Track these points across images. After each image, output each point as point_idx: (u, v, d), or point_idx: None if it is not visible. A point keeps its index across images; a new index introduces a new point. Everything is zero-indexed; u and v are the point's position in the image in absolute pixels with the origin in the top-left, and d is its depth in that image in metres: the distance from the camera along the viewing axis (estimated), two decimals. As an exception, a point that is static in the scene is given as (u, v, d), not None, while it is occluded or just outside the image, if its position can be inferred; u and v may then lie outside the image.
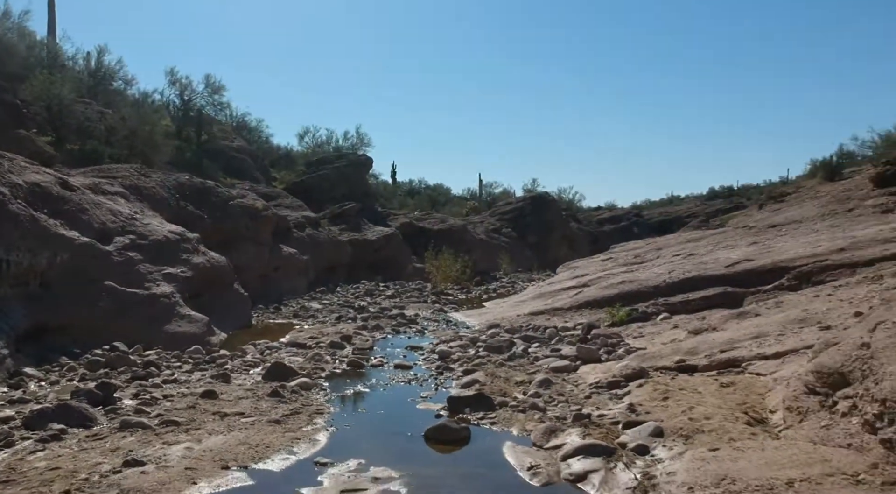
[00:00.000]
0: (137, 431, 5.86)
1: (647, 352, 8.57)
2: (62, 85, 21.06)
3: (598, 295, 13.55)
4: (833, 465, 4.29)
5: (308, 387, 7.76)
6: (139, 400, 6.93)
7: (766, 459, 4.60)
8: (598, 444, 5.29)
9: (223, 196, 17.78)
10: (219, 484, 4.76)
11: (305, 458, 5.40)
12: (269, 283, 18.29)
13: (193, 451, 5.36)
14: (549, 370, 8.37)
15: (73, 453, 5.22)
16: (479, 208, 42.96)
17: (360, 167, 32.76)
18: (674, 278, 12.89)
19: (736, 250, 14.46)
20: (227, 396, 7.29)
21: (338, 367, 9.24)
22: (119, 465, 4.92)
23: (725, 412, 5.78)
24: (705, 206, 47.88)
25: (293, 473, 5.07)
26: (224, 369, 8.59)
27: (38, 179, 10.54)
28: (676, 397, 6.45)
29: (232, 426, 6.12)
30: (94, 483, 4.60)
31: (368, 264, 25.65)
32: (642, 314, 11.65)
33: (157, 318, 10.74)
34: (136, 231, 12.15)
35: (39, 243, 9.52)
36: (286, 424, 6.27)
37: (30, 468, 4.84)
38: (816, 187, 24.68)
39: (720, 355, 7.64)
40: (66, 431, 5.77)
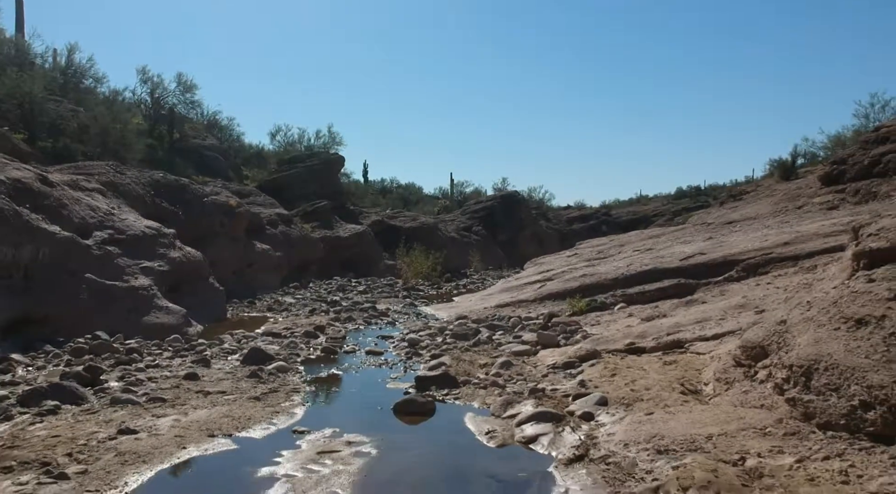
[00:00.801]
0: (127, 406, 6.33)
1: (600, 337, 9.23)
2: (33, 82, 21.15)
3: (560, 288, 14.21)
4: (746, 422, 4.96)
5: (284, 370, 8.27)
6: (125, 382, 7.37)
7: (693, 420, 5.25)
8: (548, 411, 5.91)
9: (197, 193, 18.11)
10: (206, 448, 5.27)
11: (284, 428, 5.93)
12: (244, 278, 18.66)
13: (181, 422, 5.85)
14: (511, 354, 8.98)
15: (70, 424, 5.68)
16: (450, 206, 43.55)
17: (331, 166, 33.10)
18: (632, 270, 13.59)
19: (691, 245, 15.24)
20: (209, 378, 7.77)
21: (312, 354, 9.74)
22: (114, 433, 5.40)
23: (664, 384, 6.44)
24: (672, 205, 49.01)
25: (273, 440, 5.60)
26: (203, 355, 9.03)
27: (20, 175, 10.86)
28: (623, 373, 7.10)
29: (215, 403, 6.61)
30: (93, 447, 5.08)
31: (341, 261, 26.08)
32: (601, 305, 12.32)
33: (136, 309, 11.12)
34: (114, 226, 12.50)
35: (22, 236, 9.86)
36: (265, 400, 6.79)
37: (32, 436, 5.29)
38: (773, 185, 25.72)
39: (666, 337, 8.33)
40: (60, 407, 6.21)
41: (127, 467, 4.75)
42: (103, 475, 4.58)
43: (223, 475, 4.85)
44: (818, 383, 4.72)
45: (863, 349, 4.61)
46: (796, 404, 4.83)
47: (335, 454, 5.18)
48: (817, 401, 4.65)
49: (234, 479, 4.70)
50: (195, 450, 5.20)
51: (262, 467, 4.86)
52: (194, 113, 33.44)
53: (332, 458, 5.07)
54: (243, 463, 4.97)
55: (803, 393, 4.81)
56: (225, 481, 4.72)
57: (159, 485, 4.59)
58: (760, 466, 4.24)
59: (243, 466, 4.91)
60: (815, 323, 5.29)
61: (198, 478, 4.81)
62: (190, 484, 4.73)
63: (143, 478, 4.62)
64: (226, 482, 4.71)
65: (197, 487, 4.69)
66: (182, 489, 4.67)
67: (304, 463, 4.95)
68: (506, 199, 42.24)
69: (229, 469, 4.94)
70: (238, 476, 4.73)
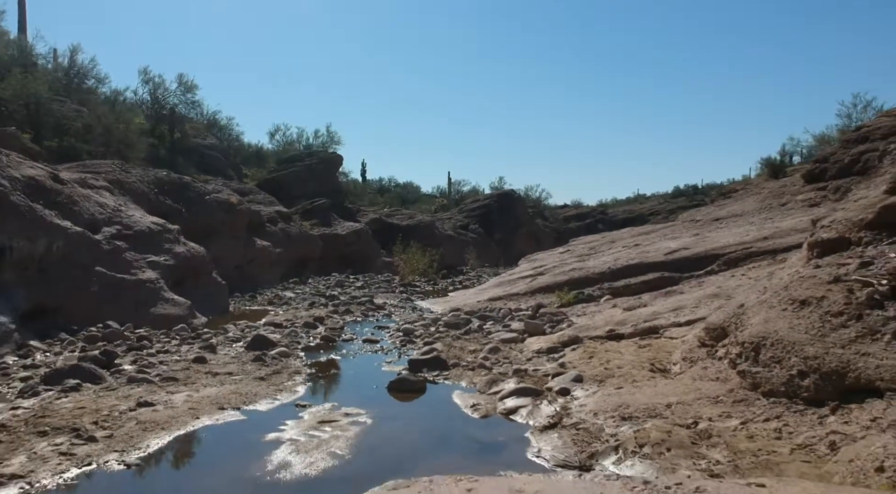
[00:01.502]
0: (142, 384, 6.89)
1: (584, 325, 9.80)
2: (38, 83, 21.69)
3: (550, 281, 14.78)
4: (702, 392, 5.54)
5: (286, 355, 8.83)
6: (138, 365, 7.92)
7: (656, 392, 5.83)
8: (529, 388, 6.48)
9: (200, 191, 18.65)
10: (217, 418, 5.84)
11: (288, 402, 6.50)
12: (244, 274, 19.21)
13: (193, 397, 6.42)
14: (499, 341, 9.54)
15: (93, 398, 6.24)
16: (447, 205, 44.09)
17: (330, 165, 33.64)
18: (618, 265, 14.17)
19: (677, 241, 15.82)
20: (216, 362, 8.33)
21: (312, 342, 10.29)
22: (133, 406, 5.97)
23: (636, 364, 7.02)
24: (668, 203, 49.57)
25: (278, 412, 6.16)
26: (210, 342, 9.58)
27: (33, 173, 11.41)
28: (600, 356, 7.67)
29: (223, 382, 7.18)
30: (116, 417, 5.64)
31: (339, 258, 26.61)
32: (588, 297, 12.89)
33: (143, 301, 11.67)
34: (121, 222, 13.04)
35: (37, 231, 10.41)
36: (269, 380, 7.35)
37: (60, 408, 5.85)
38: (762, 183, 26.32)
39: (643, 324, 8.90)
40: (81, 385, 6.76)
41: (148, 432, 5.32)
42: (127, 438, 5.14)
43: (234, 439, 5.42)
44: (765, 356, 5.29)
45: (803, 326, 5.18)
46: (746, 375, 5.40)
47: (334, 423, 5.74)
48: (763, 372, 5.22)
49: (245, 443, 5.27)
50: (208, 420, 5.77)
51: (269, 433, 5.43)
52: (194, 113, 34.00)
53: (331, 426, 5.64)
54: (252, 431, 5.54)
55: (752, 366, 5.39)
56: (236, 444, 5.30)
57: (177, 447, 5.16)
58: (710, 428, 4.82)
59: (252, 433, 5.48)
60: (766, 305, 5.87)
61: (212, 442, 5.38)
62: (205, 447, 5.30)
63: (162, 442, 5.19)
64: (237, 445, 5.28)
65: (211, 449, 5.26)
66: (198, 450, 5.24)
67: (307, 430, 5.52)
68: (502, 198, 42.76)
69: (239, 434, 5.51)
70: (248, 441, 5.30)
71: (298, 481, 4.45)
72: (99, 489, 4.35)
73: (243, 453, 5.01)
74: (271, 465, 4.70)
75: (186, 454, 5.15)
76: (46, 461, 4.60)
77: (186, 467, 4.95)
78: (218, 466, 4.88)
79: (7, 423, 5.34)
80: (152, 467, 4.76)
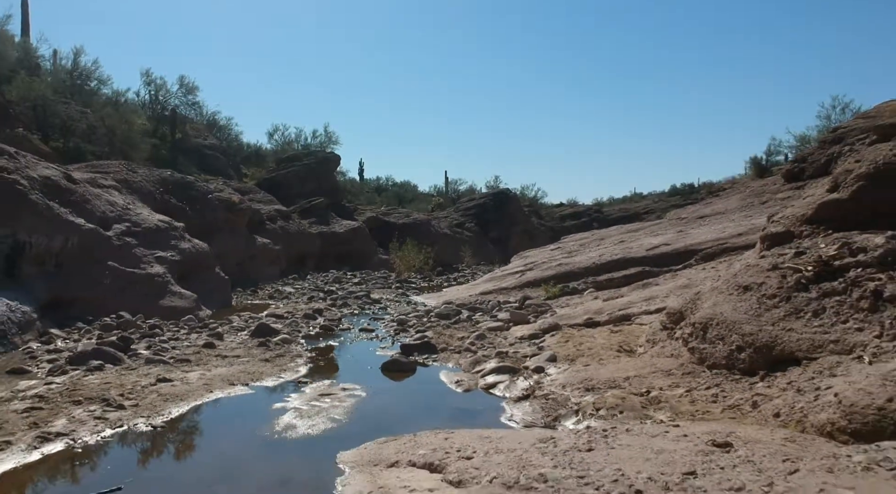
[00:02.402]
0: (159, 365, 7.60)
1: (564, 314, 10.54)
2: (44, 86, 22.38)
3: (538, 276, 15.52)
4: (657, 367, 6.28)
5: (288, 342, 9.55)
6: (152, 350, 8.63)
7: (619, 368, 6.57)
8: (508, 366, 7.22)
9: (202, 190, 19.36)
10: (229, 392, 6.57)
11: (291, 380, 7.24)
12: (246, 270, 19.91)
13: (206, 375, 7.14)
14: (486, 329, 10.26)
15: (116, 376, 6.96)
16: (444, 204, 44.77)
17: (328, 164, 34.33)
18: (602, 260, 14.91)
19: (660, 237, 16.56)
20: (224, 347, 9.05)
21: (312, 330, 11.01)
22: (154, 381, 6.69)
23: (605, 346, 7.76)
24: (663, 202, 50.15)
25: (282, 387, 6.89)
26: (217, 331, 10.30)
27: (49, 173, 12.12)
28: (575, 340, 8.40)
29: (232, 363, 7.90)
30: (139, 390, 6.36)
31: (337, 255, 27.34)
32: (573, 290, 13.62)
33: (153, 294, 12.38)
34: (130, 219, 13.75)
35: (54, 227, 11.12)
36: (274, 362, 8.08)
37: (88, 383, 6.57)
38: (748, 182, 27.09)
39: (618, 312, 9.64)
40: (104, 365, 7.48)
41: (168, 403, 6.04)
42: (151, 407, 5.87)
43: (245, 408, 6.16)
44: (711, 335, 6.03)
45: (743, 308, 5.92)
46: (694, 352, 6.14)
47: (332, 395, 6.48)
48: (709, 348, 5.96)
49: (254, 410, 6.01)
50: (220, 393, 6.50)
51: (276, 403, 6.16)
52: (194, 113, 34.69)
53: (330, 398, 6.37)
54: (260, 401, 6.28)
55: (700, 343, 6.13)
56: (247, 411, 6.03)
57: (196, 414, 5.89)
58: (659, 395, 5.55)
59: (260, 403, 6.22)
60: (717, 291, 6.61)
61: (225, 410, 6.11)
62: (220, 414, 6.03)
63: (182, 410, 5.92)
64: (248, 412, 6.02)
65: (225, 415, 5.99)
66: (214, 416, 5.97)
67: (308, 401, 6.25)
68: (498, 196, 43.41)
69: (249, 404, 6.25)
70: (257, 409, 6.04)
71: (302, 438, 5.18)
72: (131, 445, 5.07)
73: (254, 418, 5.74)
74: (279, 427, 5.43)
75: (204, 419, 5.88)
76: (84, 423, 5.32)
77: (205, 429, 5.68)
78: (232, 428, 5.62)
79: (45, 394, 6.05)
80: (175, 429, 5.49)
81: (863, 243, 5.70)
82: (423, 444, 4.44)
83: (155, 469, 4.67)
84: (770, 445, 3.43)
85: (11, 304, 9.34)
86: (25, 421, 5.26)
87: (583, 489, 3.21)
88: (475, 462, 3.86)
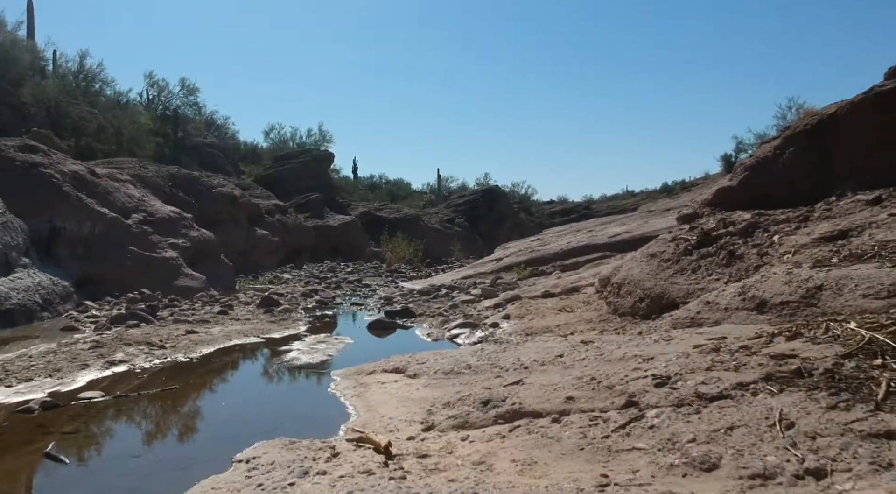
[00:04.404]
0: (184, 324, 9.26)
1: (527, 289, 12.24)
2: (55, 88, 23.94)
3: (513, 261, 17.21)
4: (582, 318, 7.97)
5: (290, 311, 11.22)
6: (175, 316, 10.27)
7: (555, 321, 8.26)
8: (469, 322, 8.92)
9: (207, 185, 20.99)
10: (245, 341, 8.25)
11: (294, 334, 8.91)
12: (247, 259, 21.53)
13: (224, 330, 8.81)
14: (460, 302, 11.95)
15: (153, 330, 8.62)
16: (435, 201, 46.40)
17: (322, 162, 35.96)
18: (570, 246, 16.63)
19: (623, 226, 18.28)
20: (235, 314, 10.72)
21: (309, 304, 12.68)
22: (184, 333, 8.35)
23: (552, 308, 9.44)
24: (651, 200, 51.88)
25: (287, 338, 8.56)
26: (228, 303, 11.95)
27: (76, 168, 13.74)
28: (530, 306, 10.08)
29: (244, 323, 9.58)
30: (174, 338, 8.02)
31: (331, 248, 29.00)
32: (541, 272, 15.32)
33: (168, 275, 14.01)
34: (146, 210, 15.38)
35: (83, 215, 12.74)
36: (279, 323, 9.76)
37: (131, 334, 8.21)
38: (718, 178, 28.88)
39: (570, 286, 11.34)
40: (139, 324, 9.12)
41: (198, 346, 7.71)
42: (185, 348, 7.53)
43: (259, 349, 7.84)
44: (623, 291, 7.73)
45: (647, 270, 7.61)
46: (610, 304, 7.84)
47: (327, 342, 8.16)
48: (620, 301, 7.65)
49: (266, 350, 7.69)
50: (238, 341, 8.18)
51: (283, 346, 7.84)
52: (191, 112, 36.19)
53: (325, 344, 8.05)
54: (270, 346, 7.95)
55: (615, 298, 7.83)
56: (261, 351, 7.70)
57: (221, 352, 7.56)
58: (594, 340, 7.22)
59: (270, 346, 7.89)
60: (633, 259, 8.31)
61: (244, 350, 7.78)
62: (240, 352, 7.70)
63: (210, 350, 7.58)
64: (261, 351, 7.70)
65: (244, 353, 7.67)
66: (236, 354, 7.64)
67: (308, 345, 7.93)
68: (487, 193, 45.02)
69: (262, 347, 7.94)
70: (268, 349, 7.72)
71: (305, 365, 6.86)
72: (176, 368, 6.73)
73: (267, 354, 7.43)
74: (287, 358, 7.12)
75: (228, 355, 7.55)
76: (137, 356, 6.98)
77: (230, 360, 7.35)
78: (251, 360, 7.32)
79: (100, 341, 7.69)
80: (207, 360, 7.16)
81: (734, 219, 7.41)
82: (393, 360, 6.12)
83: (196, 380, 6.34)
84: (618, 341, 5.11)
85: (53, 278, 10.98)
86: (93, 354, 6.92)
87: (492, 369, 4.90)
88: (427, 364, 5.54)
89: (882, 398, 2.81)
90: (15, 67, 24.09)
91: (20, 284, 9.99)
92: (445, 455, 3.57)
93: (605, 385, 3.90)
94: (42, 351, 7.03)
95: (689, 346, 4.12)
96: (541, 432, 3.55)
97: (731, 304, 5.08)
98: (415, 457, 3.54)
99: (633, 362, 4.21)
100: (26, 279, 10.26)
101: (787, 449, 2.70)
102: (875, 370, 3.15)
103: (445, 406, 4.36)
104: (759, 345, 3.81)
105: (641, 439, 3.18)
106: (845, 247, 5.37)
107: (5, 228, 10.54)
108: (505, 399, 4.11)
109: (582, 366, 4.45)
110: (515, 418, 3.87)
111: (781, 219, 6.97)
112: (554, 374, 4.43)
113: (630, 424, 3.34)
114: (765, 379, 3.37)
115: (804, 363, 3.39)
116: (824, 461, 2.54)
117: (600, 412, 3.60)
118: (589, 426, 3.46)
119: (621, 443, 3.19)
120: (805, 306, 4.46)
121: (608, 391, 3.82)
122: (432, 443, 3.80)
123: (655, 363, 4.01)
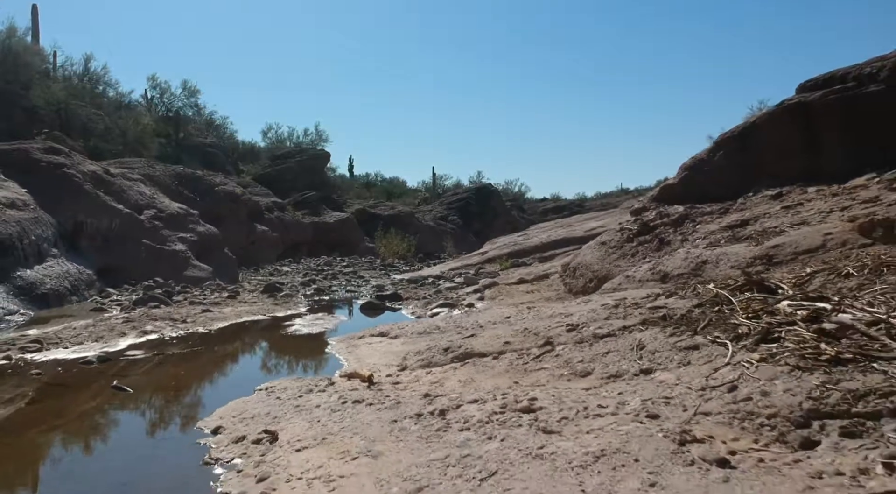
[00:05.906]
0: (199, 306, 10.55)
1: (505, 277, 13.55)
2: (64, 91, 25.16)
3: (497, 254, 18.55)
4: (543, 296, 9.29)
5: (291, 296, 12.53)
6: (189, 300, 11.57)
7: (521, 299, 9.57)
8: (449, 303, 10.22)
9: (210, 183, 22.26)
10: (254, 318, 9.56)
11: (295, 313, 10.22)
12: (248, 254, 22.81)
13: (235, 310, 10.12)
14: (444, 288, 13.26)
15: (174, 309, 9.92)
16: (430, 199, 47.65)
17: (319, 161, 37.24)
18: (549, 240, 17.96)
19: (600, 221, 19.62)
20: (242, 298, 12.02)
21: (308, 292, 13.98)
22: (200, 312, 9.65)
23: (522, 291, 10.77)
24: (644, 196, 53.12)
25: (290, 316, 9.87)
26: (234, 290, 13.24)
27: (94, 168, 15.01)
28: (503, 289, 11.41)
29: (252, 305, 10.89)
30: (192, 315, 9.32)
31: (327, 243, 30.28)
32: (521, 263, 16.63)
33: (178, 266, 15.29)
34: (156, 206, 16.65)
35: (102, 211, 14.02)
36: (282, 305, 11.07)
37: (155, 313, 9.50)
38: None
39: (541, 272, 12.66)
40: (160, 305, 10.41)
41: (214, 321, 9.01)
42: (203, 323, 8.83)
43: (265, 324, 9.14)
44: (577, 274, 9.04)
45: (597, 255, 8.93)
46: (567, 285, 9.16)
47: (325, 319, 9.47)
48: (574, 282, 8.97)
49: (272, 325, 9.00)
50: (248, 318, 9.49)
51: (286, 322, 9.14)
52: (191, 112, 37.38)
53: (323, 320, 9.36)
54: (275, 321, 9.25)
55: (571, 280, 9.14)
56: (268, 325, 9.01)
57: (234, 327, 8.86)
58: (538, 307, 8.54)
59: (276, 322, 9.19)
60: (589, 247, 9.63)
61: (253, 325, 9.09)
62: (250, 326, 9.01)
63: (224, 324, 8.89)
64: (268, 325, 9.00)
65: (254, 327, 8.97)
66: (246, 327, 8.94)
67: (308, 322, 9.24)
68: (480, 191, 46.20)
69: (269, 322, 9.24)
70: (274, 324, 9.03)
71: (305, 335, 8.17)
72: (198, 337, 8.02)
73: (274, 328, 8.73)
74: (290, 330, 8.43)
75: (241, 328, 8.85)
76: (164, 328, 8.28)
77: (243, 332, 8.66)
78: (261, 331, 8.62)
79: (130, 317, 8.98)
80: (223, 332, 8.47)
81: (669, 212, 8.73)
82: (379, 327, 7.44)
83: (217, 344, 7.65)
84: (554, 307, 6.42)
85: (79, 267, 12.26)
86: (127, 326, 8.22)
87: (456, 329, 6.21)
88: (406, 329, 6.86)
89: (702, 328, 4.13)
90: (25, 70, 25.27)
91: (52, 271, 11.28)
92: (412, 382, 4.89)
93: (533, 333, 5.22)
94: (83, 324, 8.32)
95: (598, 305, 5.45)
96: (482, 364, 4.87)
97: (643, 277, 6.40)
98: (390, 384, 4.85)
99: (559, 318, 5.54)
100: (56, 268, 11.54)
101: (636, 361, 4.02)
102: (712, 314, 4.47)
103: (416, 354, 5.68)
104: (646, 302, 5.13)
105: (548, 363, 4.50)
106: (740, 232, 6.69)
107: (37, 222, 11.81)
108: (460, 346, 5.43)
109: (522, 323, 5.77)
110: (466, 358, 5.18)
111: (707, 212, 8.29)
112: (500, 329, 5.76)
113: (543, 355, 4.65)
114: (641, 323, 4.69)
115: (669, 311, 4.71)
116: (653, 364, 3.86)
117: (526, 350, 4.92)
118: (516, 359, 4.78)
119: (534, 366, 4.51)
120: (693, 276, 5.78)
121: (535, 337, 5.14)
122: (404, 377, 5.12)
123: (572, 317, 5.33)
